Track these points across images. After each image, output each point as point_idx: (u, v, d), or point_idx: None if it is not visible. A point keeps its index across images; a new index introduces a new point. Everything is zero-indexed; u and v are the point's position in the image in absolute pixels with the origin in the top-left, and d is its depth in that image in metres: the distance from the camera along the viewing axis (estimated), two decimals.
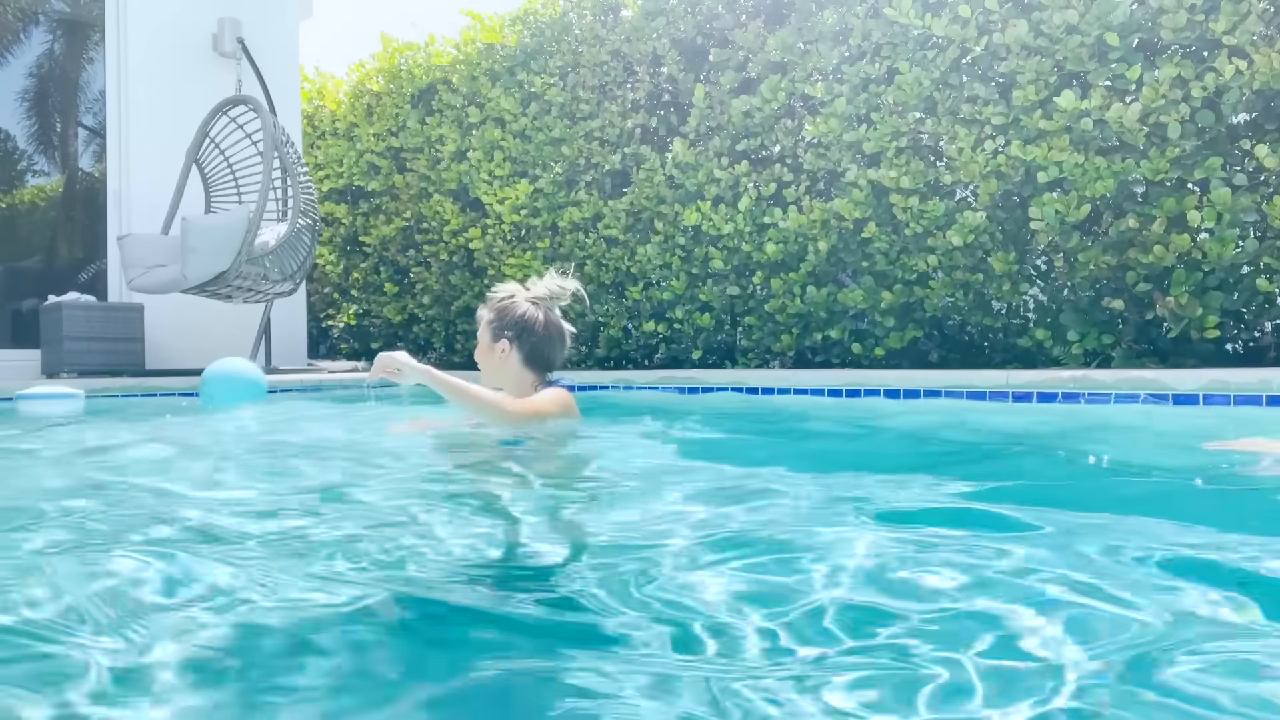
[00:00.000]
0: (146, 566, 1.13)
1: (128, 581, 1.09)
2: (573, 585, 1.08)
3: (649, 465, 2.20)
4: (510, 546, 1.32)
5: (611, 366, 5.50)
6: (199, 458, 2.40)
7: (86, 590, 1.06)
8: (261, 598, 1.03)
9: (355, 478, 2.00)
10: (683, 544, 1.25)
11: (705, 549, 1.22)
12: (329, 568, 1.16)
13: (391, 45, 6.75)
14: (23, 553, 1.25)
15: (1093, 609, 0.95)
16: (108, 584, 1.08)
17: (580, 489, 1.86)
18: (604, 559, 1.21)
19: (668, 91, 5.33)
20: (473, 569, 1.18)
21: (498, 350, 2.45)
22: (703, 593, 1.04)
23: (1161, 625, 0.89)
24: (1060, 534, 1.26)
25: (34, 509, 1.56)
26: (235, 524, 1.44)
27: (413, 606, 1.04)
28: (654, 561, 1.17)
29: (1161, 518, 1.39)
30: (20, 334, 5.97)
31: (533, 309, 2.46)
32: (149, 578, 1.09)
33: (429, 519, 1.49)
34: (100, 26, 6.20)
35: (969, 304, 4.16)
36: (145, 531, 1.38)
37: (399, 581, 1.11)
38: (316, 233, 5.41)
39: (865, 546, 1.21)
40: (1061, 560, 1.10)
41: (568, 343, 2.51)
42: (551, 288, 2.48)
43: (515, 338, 2.44)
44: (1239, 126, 3.50)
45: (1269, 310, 3.55)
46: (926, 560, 1.14)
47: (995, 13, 3.85)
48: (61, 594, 1.04)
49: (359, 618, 0.98)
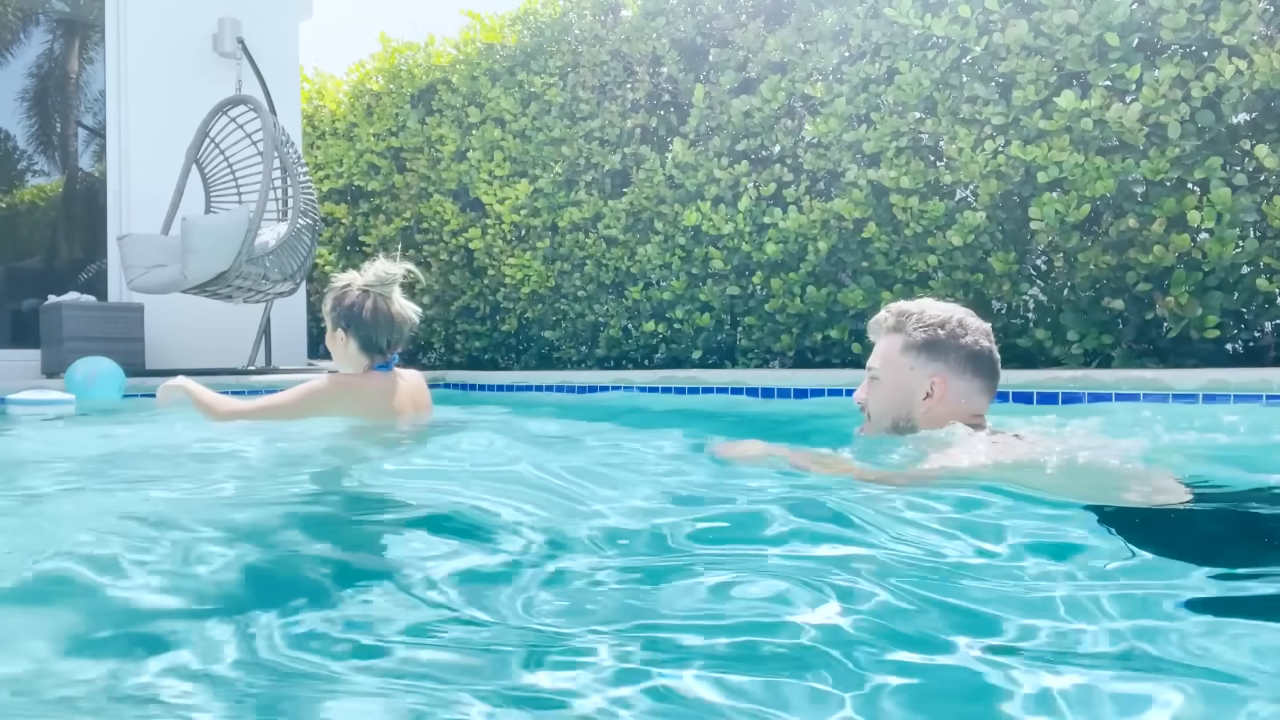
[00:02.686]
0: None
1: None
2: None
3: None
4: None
5: (611, 366, 5.50)
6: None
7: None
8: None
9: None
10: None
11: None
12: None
13: (391, 45, 6.75)
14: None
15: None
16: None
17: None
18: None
19: (668, 91, 5.33)
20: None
21: (338, 339, 2.59)
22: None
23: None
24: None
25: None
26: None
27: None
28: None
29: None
30: (20, 334, 5.97)
31: (361, 297, 2.56)
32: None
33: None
34: (100, 26, 6.20)
35: (969, 304, 4.15)
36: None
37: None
38: (316, 233, 5.41)
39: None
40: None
41: (403, 326, 2.61)
42: (379, 273, 2.57)
43: (347, 326, 2.57)
44: (1239, 126, 3.50)
45: (1269, 310, 3.55)
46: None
47: (995, 13, 3.85)
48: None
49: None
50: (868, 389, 1.94)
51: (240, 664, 0.87)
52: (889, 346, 1.89)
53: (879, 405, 1.91)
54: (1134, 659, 0.86)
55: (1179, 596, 1.02)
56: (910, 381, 1.85)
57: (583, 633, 0.95)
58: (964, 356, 1.82)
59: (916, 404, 1.84)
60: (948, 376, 1.82)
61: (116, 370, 4.16)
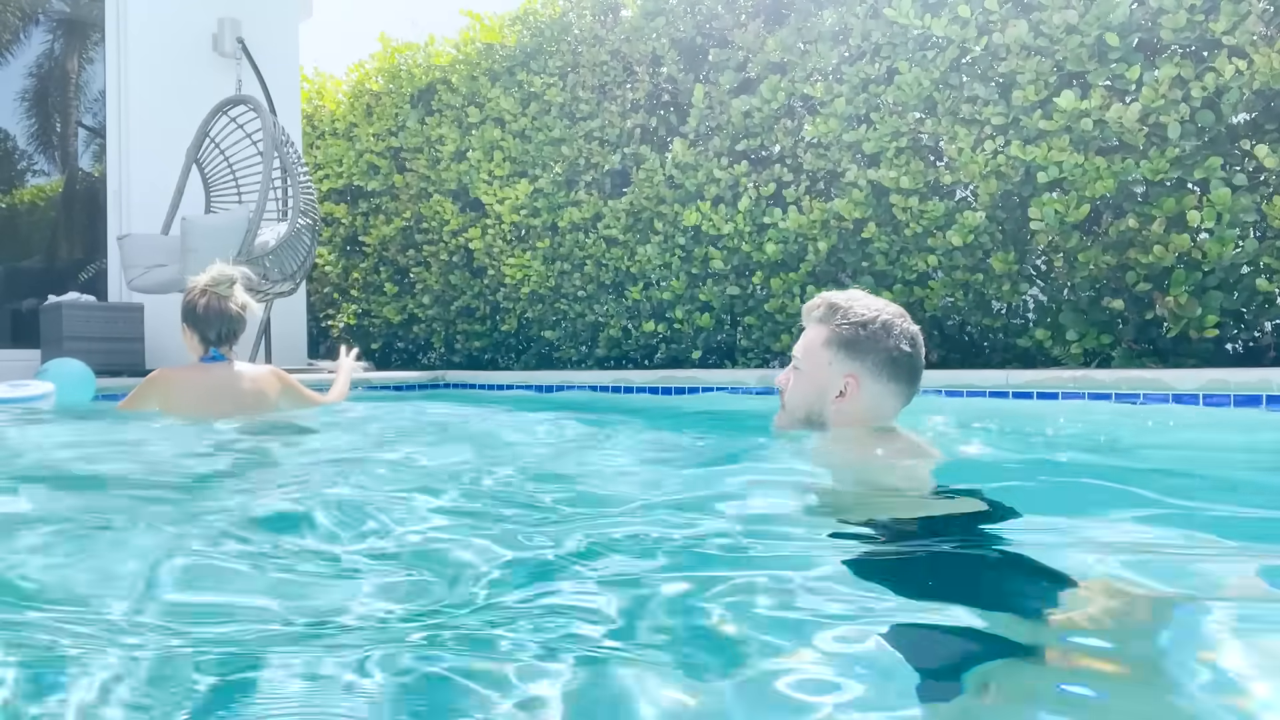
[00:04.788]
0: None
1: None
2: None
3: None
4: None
5: (611, 366, 5.50)
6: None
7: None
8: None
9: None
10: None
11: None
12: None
13: (391, 45, 6.75)
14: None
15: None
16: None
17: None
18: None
19: (667, 91, 5.33)
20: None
21: (183, 331, 2.91)
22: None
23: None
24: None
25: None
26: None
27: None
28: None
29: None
30: (20, 334, 5.97)
31: (198, 295, 2.88)
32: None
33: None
34: (100, 26, 6.20)
35: (969, 304, 4.16)
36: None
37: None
38: (316, 233, 5.41)
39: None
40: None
41: (234, 320, 2.90)
42: (214, 274, 2.91)
43: (185, 320, 2.90)
44: (1239, 126, 3.50)
45: (1269, 310, 3.55)
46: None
47: (995, 13, 3.85)
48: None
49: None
50: (789, 376, 1.92)
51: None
52: (814, 337, 1.86)
53: (794, 396, 1.89)
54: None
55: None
56: (826, 377, 1.82)
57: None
58: (883, 360, 1.78)
59: (829, 401, 1.81)
60: (862, 377, 1.79)
61: (86, 372, 4.09)
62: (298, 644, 0.90)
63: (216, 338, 2.88)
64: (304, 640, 0.91)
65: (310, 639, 0.91)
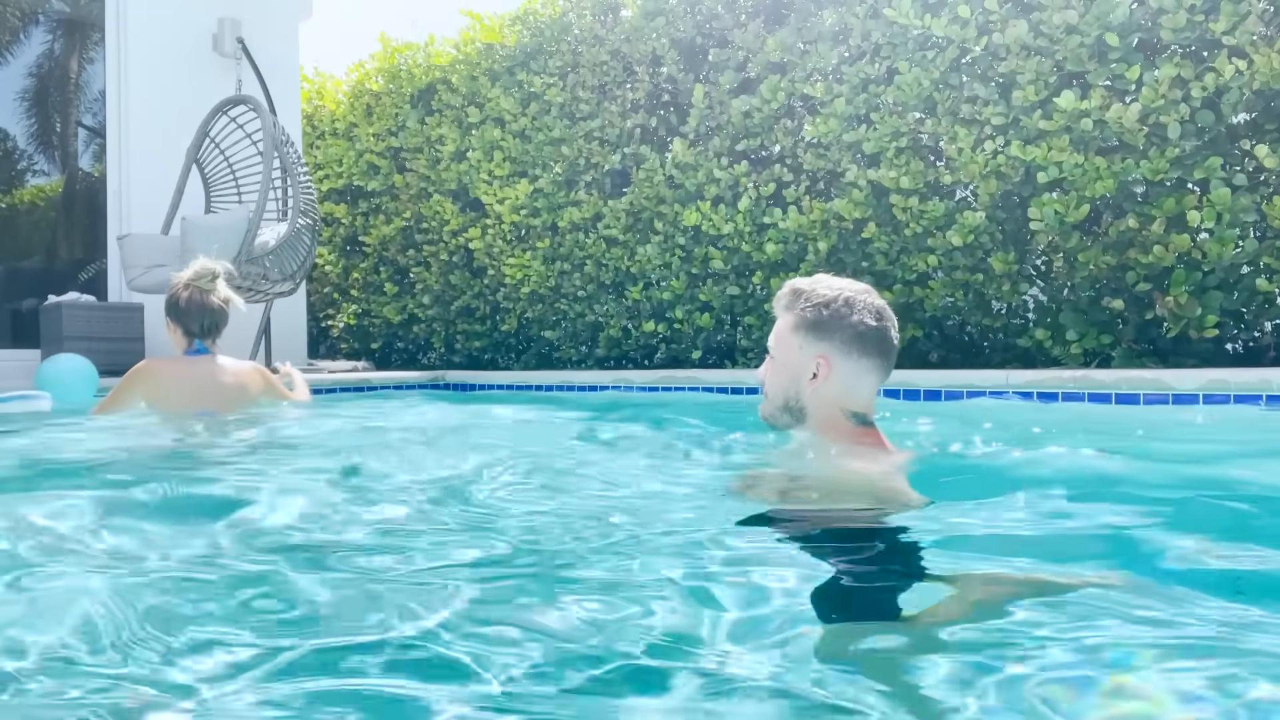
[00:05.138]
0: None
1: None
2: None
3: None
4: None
5: (611, 366, 5.50)
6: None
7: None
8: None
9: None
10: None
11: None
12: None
13: (391, 45, 6.75)
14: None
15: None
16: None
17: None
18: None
19: (667, 91, 5.33)
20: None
21: (168, 325, 2.96)
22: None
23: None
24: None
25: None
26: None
27: None
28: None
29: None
30: (20, 334, 5.97)
31: (179, 289, 2.92)
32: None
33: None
34: (100, 26, 6.19)
35: (969, 304, 4.16)
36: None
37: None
38: (316, 233, 5.41)
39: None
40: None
41: (216, 314, 2.95)
42: (197, 269, 2.95)
43: (169, 314, 2.94)
44: (1239, 126, 3.50)
45: (1269, 310, 3.55)
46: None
47: (995, 13, 3.85)
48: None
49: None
50: (767, 367, 1.94)
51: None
52: (783, 324, 1.89)
53: (772, 384, 1.91)
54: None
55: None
56: (798, 361, 1.83)
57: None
58: (850, 337, 1.79)
59: (804, 384, 1.83)
60: (832, 357, 1.79)
61: (89, 369, 4.10)
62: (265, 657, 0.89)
63: (199, 330, 2.92)
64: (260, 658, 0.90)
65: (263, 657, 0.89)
